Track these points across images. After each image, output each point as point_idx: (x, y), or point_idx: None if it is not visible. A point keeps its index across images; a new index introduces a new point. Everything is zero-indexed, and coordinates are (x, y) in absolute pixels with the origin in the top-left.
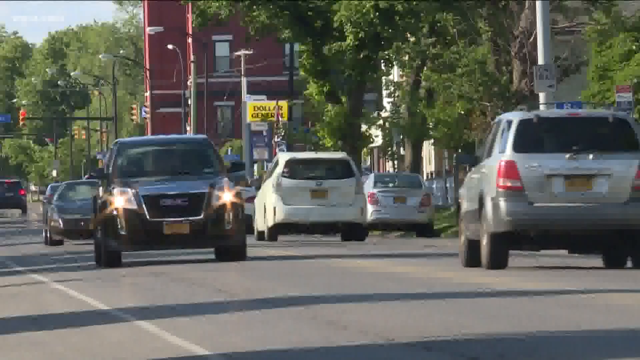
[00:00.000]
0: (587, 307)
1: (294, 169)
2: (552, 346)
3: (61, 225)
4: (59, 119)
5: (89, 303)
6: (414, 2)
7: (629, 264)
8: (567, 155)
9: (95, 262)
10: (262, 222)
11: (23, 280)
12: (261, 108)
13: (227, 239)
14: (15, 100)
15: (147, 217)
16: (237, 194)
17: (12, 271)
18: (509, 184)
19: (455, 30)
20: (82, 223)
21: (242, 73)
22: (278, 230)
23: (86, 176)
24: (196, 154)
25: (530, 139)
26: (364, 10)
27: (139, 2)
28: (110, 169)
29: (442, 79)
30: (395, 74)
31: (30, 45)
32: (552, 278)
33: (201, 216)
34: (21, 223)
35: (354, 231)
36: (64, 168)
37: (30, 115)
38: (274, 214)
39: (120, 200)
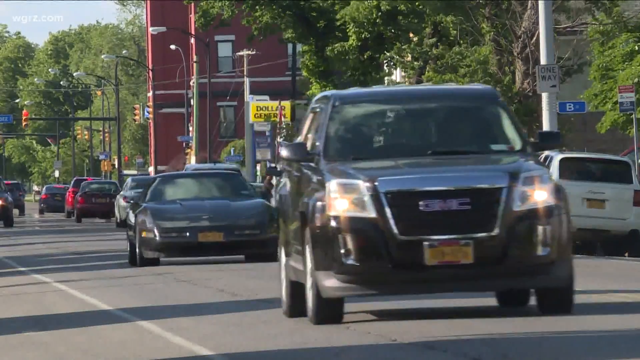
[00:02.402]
0: (590, 306)
1: None
2: (555, 346)
3: (157, 237)
4: (62, 119)
5: (92, 303)
6: (417, 3)
7: None
8: None
9: (287, 314)
10: None
11: (26, 280)
12: (264, 108)
13: (542, 273)
14: (18, 100)
15: (396, 233)
16: (558, 191)
17: (15, 271)
18: None
19: (457, 30)
20: (187, 233)
21: (245, 73)
22: None
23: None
24: (475, 118)
25: None
26: (366, 11)
27: (142, 2)
28: (319, 143)
29: (445, 79)
30: (398, 74)
31: (32, 46)
32: None
33: (494, 231)
34: (36, 224)
35: None
36: (66, 169)
37: (33, 116)
38: None
39: (343, 202)
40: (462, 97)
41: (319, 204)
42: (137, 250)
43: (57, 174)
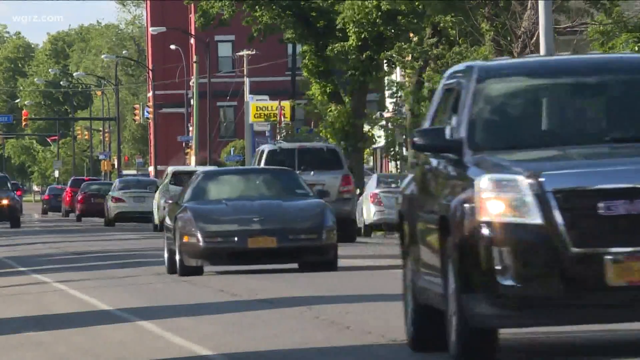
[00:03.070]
0: None
1: (179, 179)
2: (555, 346)
3: (201, 243)
4: (62, 119)
5: (92, 303)
6: (417, 3)
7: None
8: (298, 172)
9: (412, 346)
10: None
11: (26, 280)
12: (264, 108)
13: None
14: (18, 100)
15: (569, 244)
16: None
17: (15, 271)
18: None
19: (456, 30)
20: (235, 238)
21: (245, 73)
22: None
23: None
24: None
25: (275, 162)
26: (366, 10)
27: (142, 2)
28: (460, 128)
29: None
30: (398, 74)
31: (32, 46)
32: None
33: None
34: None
35: None
36: (66, 168)
37: (33, 116)
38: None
39: (498, 204)
40: None
41: (465, 206)
42: (177, 257)
43: (57, 174)
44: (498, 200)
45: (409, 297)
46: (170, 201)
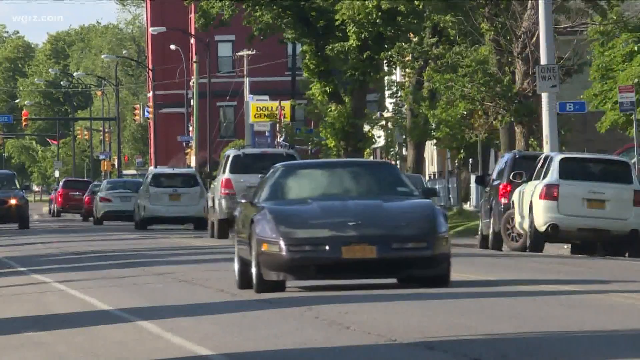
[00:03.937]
0: (590, 307)
1: (158, 180)
2: (554, 346)
3: (284, 252)
4: (62, 119)
5: (92, 303)
6: (417, 2)
7: None
8: (260, 175)
9: None
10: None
11: (26, 280)
12: (264, 108)
13: None
14: (17, 100)
15: None
16: None
17: (15, 271)
18: (227, 192)
19: (456, 30)
20: (326, 247)
21: (245, 73)
22: (146, 222)
23: None
24: None
25: (239, 165)
26: (366, 10)
27: (142, 2)
28: None
29: (444, 79)
30: (398, 74)
31: (32, 46)
32: (554, 278)
33: None
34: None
35: (199, 223)
36: (66, 168)
37: (33, 116)
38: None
39: None
40: None
41: None
42: (253, 269)
43: (57, 174)
44: None
45: None
46: (243, 200)
